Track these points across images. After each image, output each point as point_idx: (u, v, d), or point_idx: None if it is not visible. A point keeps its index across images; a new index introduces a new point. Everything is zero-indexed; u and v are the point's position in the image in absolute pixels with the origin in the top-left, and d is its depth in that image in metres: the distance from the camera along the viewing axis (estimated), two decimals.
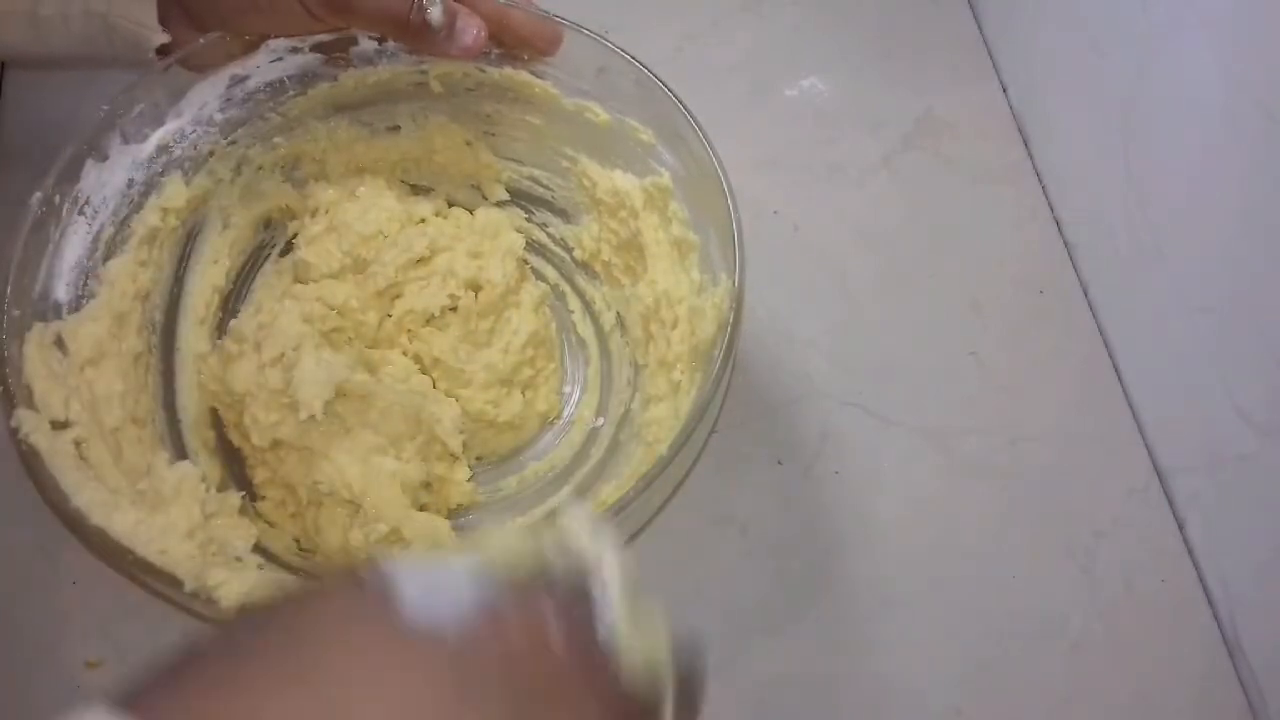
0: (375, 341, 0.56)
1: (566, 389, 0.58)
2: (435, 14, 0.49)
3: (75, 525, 0.44)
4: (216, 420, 0.54)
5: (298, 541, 0.52)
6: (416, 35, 0.50)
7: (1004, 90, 0.70)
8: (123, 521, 0.45)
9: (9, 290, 0.47)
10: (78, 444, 0.47)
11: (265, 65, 0.54)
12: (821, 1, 0.73)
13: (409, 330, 0.56)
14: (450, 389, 0.55)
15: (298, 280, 0.56)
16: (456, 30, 0.50)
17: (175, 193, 0.54)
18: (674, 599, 0.52)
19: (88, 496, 0.45)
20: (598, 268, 0.59)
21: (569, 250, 0.60)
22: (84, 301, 0.50)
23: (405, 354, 0.56)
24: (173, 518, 0.47)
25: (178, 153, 0.54)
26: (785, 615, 0.53)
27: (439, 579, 0.30)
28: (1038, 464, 0.57)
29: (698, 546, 0.54)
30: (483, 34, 0.51)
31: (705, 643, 0.34)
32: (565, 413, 0.58)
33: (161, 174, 0.53)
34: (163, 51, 0.51)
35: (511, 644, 0.29)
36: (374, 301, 0.55)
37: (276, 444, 0.51)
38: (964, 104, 0.69)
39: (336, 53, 0.55)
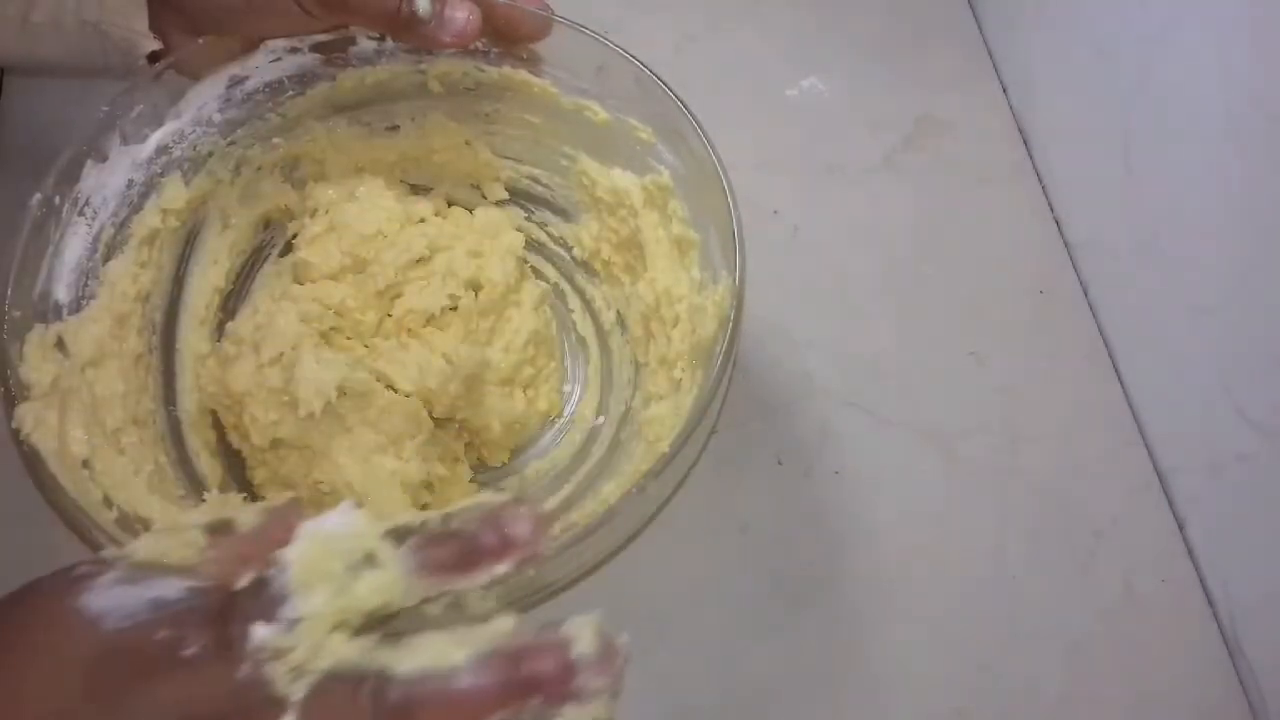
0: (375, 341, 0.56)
1: (567, 388, 0.58)
2: (423, 4, 0.49)
3: (75, 525, 0.44)
4: (217, 421, 0.54)
5: None
6: (407, 27, 0.50)
7: (1004, 90, 0.70)
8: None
9: (9, 292, 0.47)
10: (78, 445, 0.47)
11: (264, 65, 0.54)
12: (821, 1, 0.73)
13: (409, 330, 0.56)
14: None
15: (297, 280, 0.56)
16: (445, 18, 0.50)
17: (175, 193, 0.54)
18: (674, 599, 0.53)
19: (89, 497, 0.45)
20: (597, 266, 0.59)
21: (568, 249, 0.60)
22: (84, 303, 0.50)
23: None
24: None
25: (177, 153, 0.54)
26: (785, 615, 0.53)
27: (134, 576, 0.32)
28: (1038, 464, 0.57)
29: (698, 546, 0.54)
30: (474, 18, 0.50)
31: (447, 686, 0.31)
32: (566, 411, 0.58)
33: (161, 175, 0.53)
34: (154, 58, 0.51)
35: (156, 637, 0.31)
36: (374, 301, 0.55)
37: (276, 444, 0.51)
38: (964, 104, 0.69)
39: (335, 53, 0.55)
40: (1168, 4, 0.54)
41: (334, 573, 0.31)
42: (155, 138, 0.53)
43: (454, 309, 0.55)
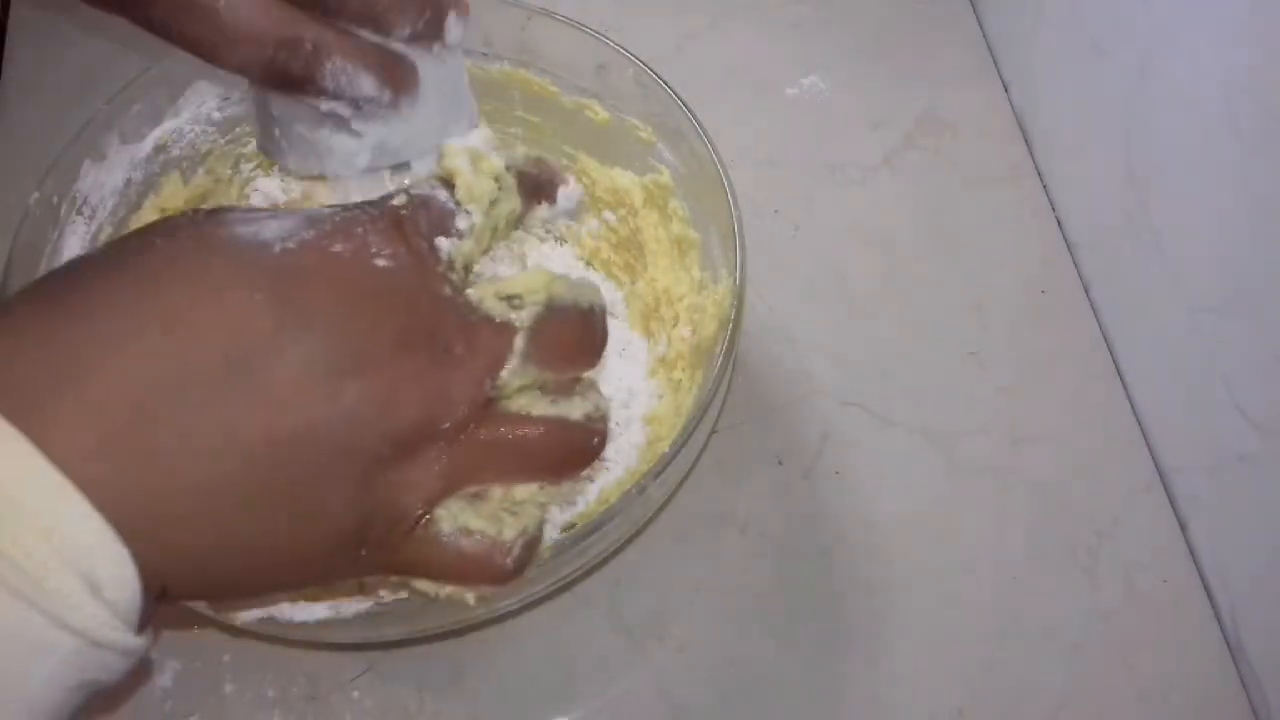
0: None
1: None
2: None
3: None
4: None
5: None
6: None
7: (1005, 89, 0.70)
8: None
9: (7, 292, 0.47)
10: None
11: None
12: (822, 0, 0.73)
13: None
14: None
15: None
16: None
17: (174, 192, 0.54)
18: (673, 599, 0.53)
19: None
20: (597, 266, 0.59)
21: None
22: None
23: None
24: None
25: (176, 152, 0.54)
26: (785, 615, 0.53)
27: (275, 212, 0.31)
28: (1039, 464, 0.57)
29: (698, 546, 0.54)
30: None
31: (596, 290, 0.34)
32: None
33: (160, 173, 0.53)
34: None
35: (336, 249, 0.29)
36: None
37: None
38: (965, 103, 0.69)
39: None
40: (1169, 3, 0.54)
41: (485, 191, 0.33)
42: (154, 136, 0.53)
43: None
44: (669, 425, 0.50)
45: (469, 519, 0.31)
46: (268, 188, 0.58)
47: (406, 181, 0.41)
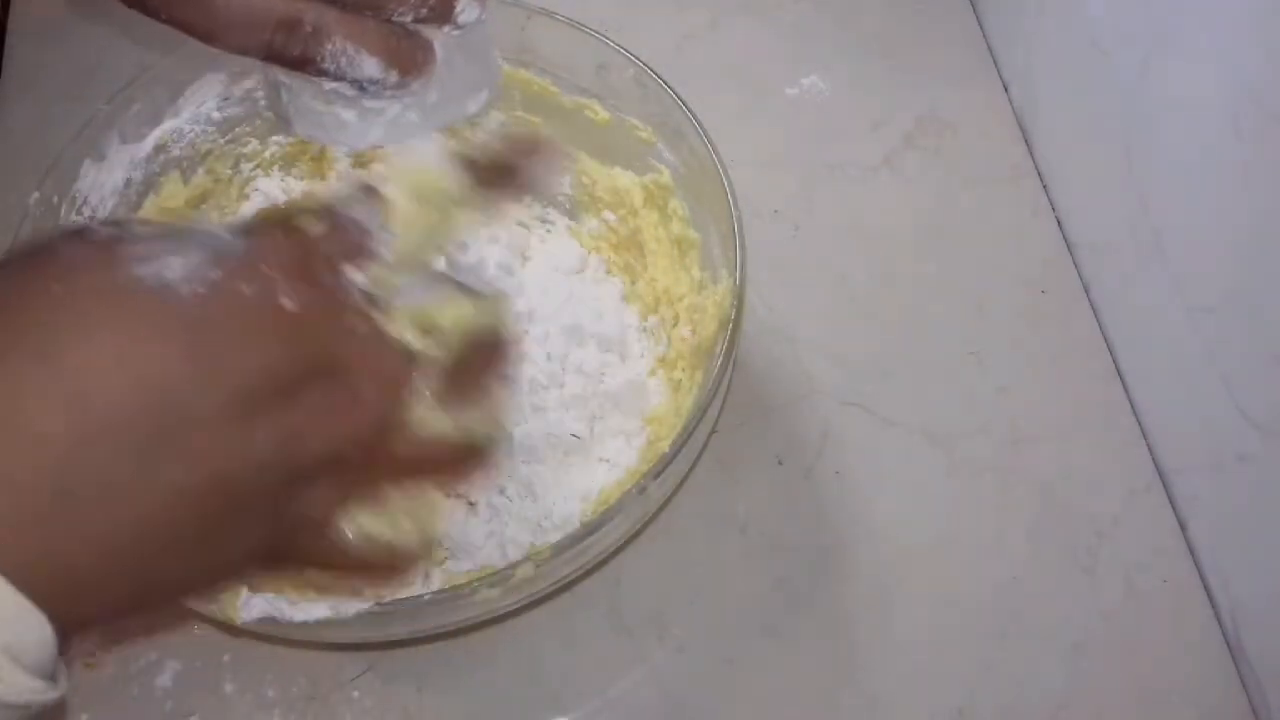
0: None
1: None
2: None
3: None
4: None
5: None
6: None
7: (1005, 89, 0.70)
8: None
9: None
10: None
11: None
12: (822, 0, 0.73)
13: None
14: None
15: None
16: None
17: (173, 192, 0.54)
18: (673, 599, 0.53)
19: None
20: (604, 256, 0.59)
21: None
22: None
23: None
24: None
25: (176, 152, 0.54)
26: (785, 615, 0.53)
27: (174, 231, 0.29)
28: (1038, 464, 0.57)
29: (698, 546, 0.54)
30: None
31: (506, 309, 0.35)
32: None
33: (159, 173, 0.53)
34: None
35: (244, 291, 0.29)
36: None
37: None
38: (965, 103, 0.69)
39: None
40: (1169, 3, 0.54)
41: (417, 220, 0.32)
42: (154, 136, 0.53)
43: None
44: (669, 425, 0.50)
45: (368, 524, 0.32)
46: (268, 188, 0.58)
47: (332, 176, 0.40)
